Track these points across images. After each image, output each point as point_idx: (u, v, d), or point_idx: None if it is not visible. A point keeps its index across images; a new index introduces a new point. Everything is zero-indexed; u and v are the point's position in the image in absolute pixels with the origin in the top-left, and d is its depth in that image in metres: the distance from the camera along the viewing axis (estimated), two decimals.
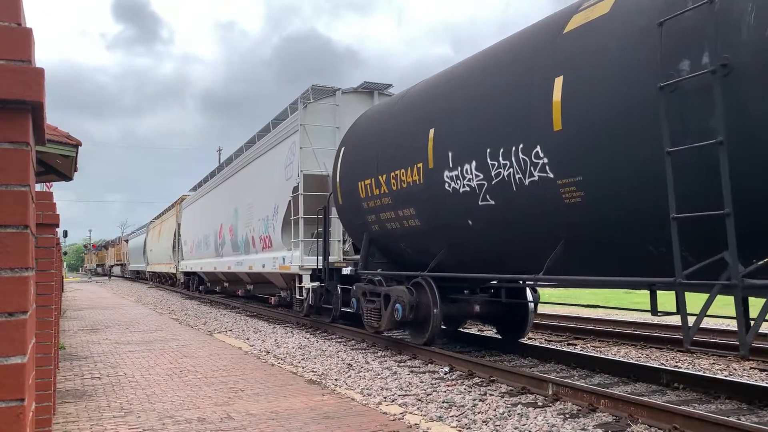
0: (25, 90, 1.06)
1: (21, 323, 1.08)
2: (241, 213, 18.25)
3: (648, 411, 5.29)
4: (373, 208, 9.66)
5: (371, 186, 9.60)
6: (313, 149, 13.12)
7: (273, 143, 15.37)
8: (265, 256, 15.41)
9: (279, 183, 14.48)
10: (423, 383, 7.10)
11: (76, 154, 7.55)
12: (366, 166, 9.82)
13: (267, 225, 15.35)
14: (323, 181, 13.16)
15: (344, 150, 10.82)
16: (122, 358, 9.04)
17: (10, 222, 1.08)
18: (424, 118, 8.46)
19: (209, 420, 5.40)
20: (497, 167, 6.86)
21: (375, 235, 10.00)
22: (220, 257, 20.94)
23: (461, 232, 7.82)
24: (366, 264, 10.20)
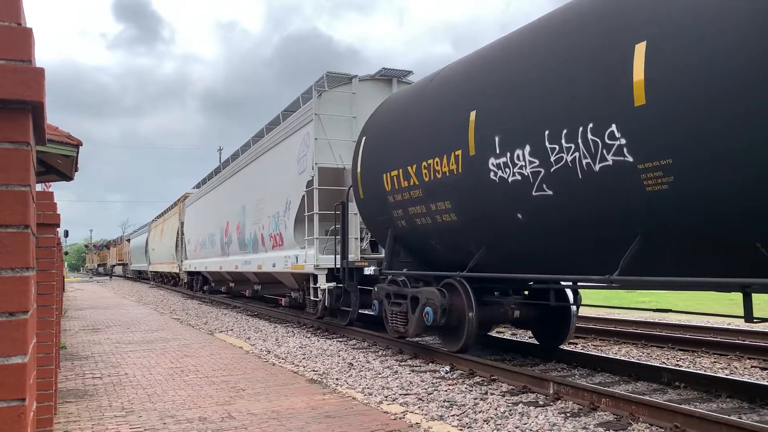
0: (26, 90, 1.06)
1: (22, 323, 1.08)
2: (249, 210, 17.38)
3: (649, 410, 5.29)
4: (400, 201, 8.79)
5: (398, 178, 8.73)
6: (329, 140, 12.25)
7: (284, 135, 14.50)
8: (276, 255, 14.63)
9: (291, 177, 13.62)
10: (424, 382, 7.10)
11: (76, 154, 7.55)
12: (392, 156, 8.95)
13: (278, 222, 14.51)
14: (339, 175, 12.40)
15: (366, 139, 9.91)
16: (123, 358, 9.04)
17: (11, 222, 1.08)
18: (464, 100, 7.48)
19: (210, 419, 5.40)
20: (558, 151, 5.93)
21: (401, 231, 9.12)
22: (226, 256, 20.12)
23: (507, 228, 6.95)
24: (390, 263, 9.32)
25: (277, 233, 14.59)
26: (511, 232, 6.96)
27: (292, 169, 13.58)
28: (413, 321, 8.55)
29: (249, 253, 17.29)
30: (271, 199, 15.21)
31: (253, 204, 16.87)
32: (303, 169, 12.87)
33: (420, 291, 8.55)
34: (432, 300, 8.14)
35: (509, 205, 6.77)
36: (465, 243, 7.82)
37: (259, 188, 16.35)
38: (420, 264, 9.30)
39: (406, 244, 9.31)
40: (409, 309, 8.73)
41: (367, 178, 9.75)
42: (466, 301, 7.82)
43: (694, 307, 13.57)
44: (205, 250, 23.54)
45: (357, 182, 10.08)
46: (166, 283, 36.61)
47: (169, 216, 34.06)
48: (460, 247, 8.00)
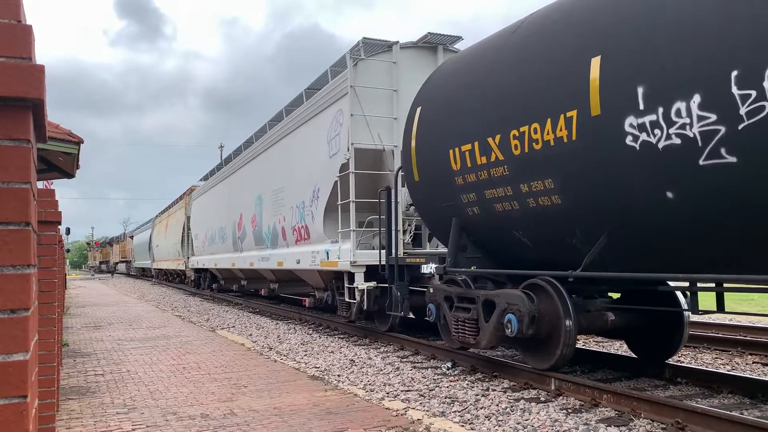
0: (26, 87, 1.06)
1: (23, 320, 1.08)
2: (266, 200, 15.57)
3: (650, 406, 5.29)
4: (472, 183, 7.21)
5: (472, 153, 7.12)
6: (366, 117, 10.53)
7: (311, 114, 12.65)
8: (301, 250, 12.83)
9: (321, 161, 11.83)
10: (426, 379, 7.11)
11: (77, 152, 7.55)
12: (463, 126, 7.34)
13: (303, 213, 12.75)
14: (378, 157, 10.83)
15: (422, 111, 8.33)
16: (125, 355, 9.06)
17: (12, 219, 1.08)
18: (577, 46, 5.86)
19: (212, 416, 5.41)
20: (756, 98, 4.36)
21: (471, 220, 7.51)
22: (239, 252, 18.37)
23: (644, 212, 5.36)
24: (456, 259, 7.73)
25: (301, 226, 12.90)
26: (651, 216, 5.33)
27: (322, 151, 11.81)
28: (487, 330, 6.99)
29: (266, 249, 15.63)
30: (294, 187, 13.45)
31: (271, 194, 15.18)
32: (335, 150, 11.10)
33: (497, 294, 6.95)
34: (516, 306, 6.58)
35: (655, 181, 5.17)
36: (568, 234, 6.26)
37: (279, 176, 14.59)
38: (492, 261, 7.75)
39: (476, 237, 7.70)
40: (480, 316, 7.16)
41: (424, 156, 8.17)
42: (561, 306, 6.31)
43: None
44: (214, 246, 21.88)
45: (410, 162, 8.46)
46: (171, 281, 35.39)
47: (174, 211, 32.58)
48: (558, 240, 6.44)
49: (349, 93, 10.54)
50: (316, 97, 12.42)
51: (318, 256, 11.69)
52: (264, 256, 15.66)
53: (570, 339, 6.27)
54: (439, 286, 8.14)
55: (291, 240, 13.59)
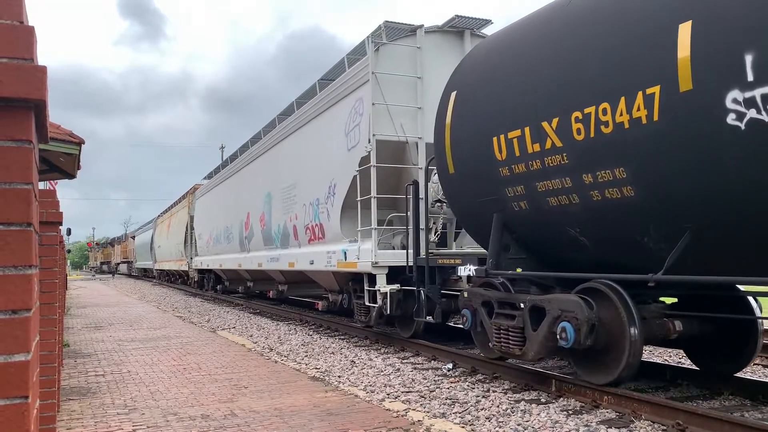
0: (28, 88, 1.06)
1: (24, 321, 1.08)
2: (276, 198, 14.73)
3: (651, 407, 5.29)
4: (520, 174, 6.39)
5: (522, 140, 6.28)
6: (388, 106, 9.75)
7: (326, 105, 11.84)
8: (314, 250, 12.02)
9: (337, 155, 11.04)
10: (426, 380, 7.11)
11: (79, 152, 7.56)
12: (510, 110, 6.51)
13: (317, 210, 11.93)
14: (400, 150, 10.07)
15: (458, 96, 7.47)
16: (126, 356, 9.06)
17: (13, 220, 1.08)
18: (662, 6, 5.03)
19: (213, 417, 5.41)
20: None
21: (517, 216, 6.70)
22: (245, 252, 17.58)
23: (745, 205, 4.61)
24: (498, 261, 6.89)
25: (315, 224, 12.07)
26: (752, 212, 4.60)
27: (339, 144, 11.02)
28: (536, 340, 6.23)
29: (276, 249, 14.80)
30: (307, 183, 12.65)
31: (281, 191, 14.34)
32: (354, 143, 10.33)
33: (549, 300, 6.17)
34: (572, 313, 5.81)
35: (764, 166, 4.38)
36: (639, 232, 5.48)
37: (291, 172, 13.74)
38: (537, 262, 6.94)
39: (521, 235, 6.87)
40: (527, 323, 6.37)
41: (461, 146, 7.32)
42: (625, 313, 5.57)
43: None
44: (219, 246, 21.00)
45: (444, 153, 7.65)
46: (173, 282, 34.65)
47: (176, 210, 31.87)
48: (626, 239, 5.64)
49: (371, 80, 9.78)
50: (332, 87, 11.56)
51: (334, 257, 10.94)
52: (273, 256, 14.85)
53: (636, 350, 5.55)
54: (476, 290, 7.34)
55: (303, 239, 12.83)
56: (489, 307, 7.10)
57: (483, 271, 7.20)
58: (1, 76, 1.05)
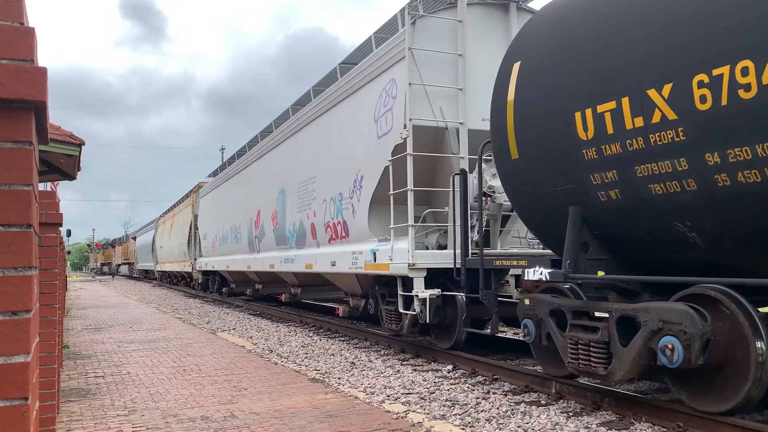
0: (28, 89, 1.07)
1: (24, 322, 1.08)
2: (291, 194, 13.52)
3: (651, 409, 5.29)
4: (613, 156, 5.23)
5: (617, 114, 5.13)
6: (425, 87, 8.65)
7: (350, 89, 10.63)
8: (336, 251, 10.86)
9: (365, 144, 9.90)
10: (426, 381, 7.11)
11: (79, 154, 7.56)
12: (597, 78, 5.36)
13: (339, 206, 10.76)
14: (439, 137, 8.88)
15: (522, 66, 6.32)
16: (126, 357, 9.06)
17: (14, 221, 1.08)
18: None
19: (213, 418, 5.41)
20: None
21: (603, 209, 5.55)
22: (255, 253, 16.45)
23: None
24: (577, 262, 5.82)
25: (337, 222, 10.88)
26: None
27: (366, 132, 9.87)
28: (626, 358, 5.15)
29: (290, 249, 13.57)
30: (328, 177, 11.44)
31: (297, 186, 13.11)
32: (386, 129, 9.18)
33: (644, 309, 5.06)
34: (679, 325, 4.78)
35: None
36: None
37: (308, 165, 12.52)
38: (620, 264, 5.82)
39: (605, 231, 5.73)
40: (614, 337, 5.29)
41: (528, 126, 6.19)
42: (749, 326, 4.57)
43: None
44: (226, 246, 19.84)
45: (504, 136, 6.50)
46: (176, 284, 33.55)
47: (179, 210, 30.64)
48: (762, 233, 4.61)
49: (407, 57, 8.63)
50: (358, 69, 10.40)
51: (361, 258, 9.78)
52: (287, 257, 13.62)
53: (763, 372, 4.53)
54: (542, 297, 6.20)
55: (323, 238, 11.67)
56: (558, 317, 5.98)
57: (560, 275, 5.88)
58: (2, 78, 1.05)
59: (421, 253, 8.45)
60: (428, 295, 8.15)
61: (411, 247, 8.31)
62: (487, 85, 8.31)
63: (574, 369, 5.74)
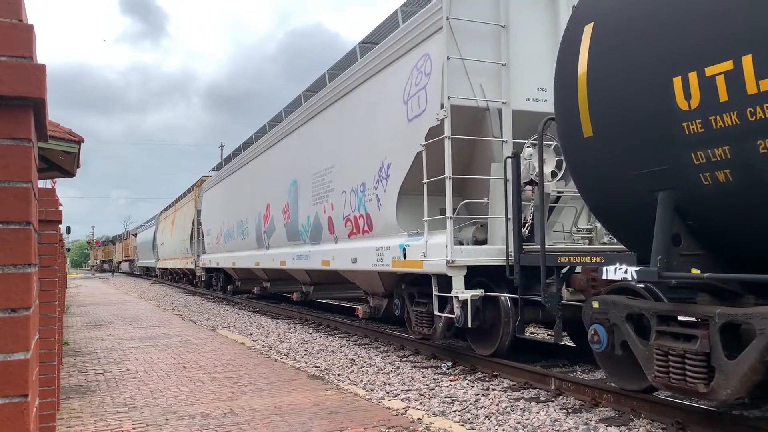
0: (27, 86, 1.06)
1: (24, 319, 1.08)
2: (304, 186, 12.54)
3: (650, 405, 5.30)
4: (724, 130, 4.33)
5: (735, 76, 4.19)
6: (464, 62, 7.72)
7: (375, 69, 9.62)
8: (358, 246, 9.92)
9: (392, 128, 8.94)
10: (426, 378, 7.12)
11: (78, 151, 7.56)
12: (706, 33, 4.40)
13: (362, 198, 9.82)
14: (479, 118, 7.89)
15: (597, 28, 5.34)
16: (126, 354, 9.07)
17: (13, 218, 1.08)
18: None
19: (212, 415, 5.42)
20: None
21: (703, 194, 4.63)
22: (264, 249, 15.51)
23: None
24: (669, 258, 4.89)
25: (359, 215, 9.95)
26: None
27: (394, 115, 8.91)
28: (736, 373, 4.34)
29: (304, 245, 12.63)
30: (348, 166, 10.47)
31: (312, 178, 12.12)
32: (418, 111, 8.18)
33: (763, 315, 4.21)
34: None
35: None
36: None
37: (325, 154, 11.50)
38: (718, 262, 4.89)
39: (703, 222, 4.83)
40: (716, 348, 4.47)
41: (607, 98, 5.27)
42: None
43: None
44: (231, 242, 18.92)
45: (575, 111, 5.56)
46: (177, 282, 32.69)
47: (181, 205, 29.73)
48: None
49: (444, 28, 7.64)
50: (383, 46, 9.42)
51: (387, 254, 8.85)
52: (300, 253, 12.66)
53: None
54: (615, 300, 5.40)
55: (342, 233, 10.71)
56: (636, 322, 5.19)
57: (653, 273, 4.87)
58: (1, 75, 1.05)
59: (461, 249, 7.46)
60: (470, 296, 7.24)
61: (450, 242, 7.33)
62: (534, 59, 7.86)
63: (663, 384, 4.89)
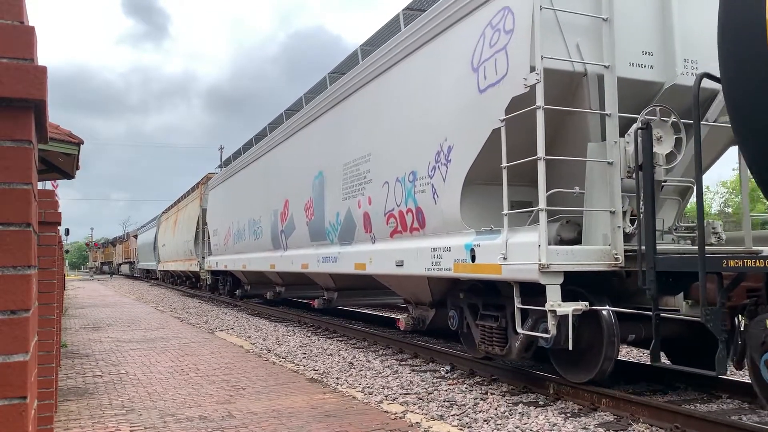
0: (28, 88, 1.06)
1: (23, 321, 1.08)
2: (333, 178, 10.99)
3: (649, 410, 5.29)
4: None
5: None
6: (556, 14, 6.24)
7: (427, 35, 8.01)
8: (405, 247, 8.32)
9: (456, 102, 7.32)
10: (424, 382, 7.11)
11: (78, 152, 7.56)
12: None
13: (411, 189, 8.25)
14: (573, 86, 6.38)
15: None
16: (124, 356, 9.05)
17: (13, 220, 1.08)
18: None
19: (210, 418, 5.41)
20: None
21: None
22: (281, 251, 14.02)
23: None
24: None
25: (407, 209, 8.43)
26: None
27: (457, 86, 7.30)
28: None
29: (331, 245, 11.10)
30: (391, 152, 8.90)
31: (342, 168, 10.60)
32: (496, 78, 6.57)
33: None
34: None
35: None
36: None
37: (359, 140, 9.98)
38: None
39: None
40: None
41: None
42: None
43: None
44: (242, 243, 17.52)
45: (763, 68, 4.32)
46: (179, 285, 31.10)
47: (184, 204, 28.30)
48: None
49: None
50: (440, 8, 7.80)
51: (447, 256, 7.26)
52: (328, 255, 11.11)
53: None
54: None
55: (382, 231, 9.18)
56: None
57: None
58: (1, 76, 1.05)
59: (558, 250, 5.86)
60: (571, 310, 5.63)
61: (544, 240, 5.79)
62: (638, 15, 6.53)
63: None
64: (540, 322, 5.98)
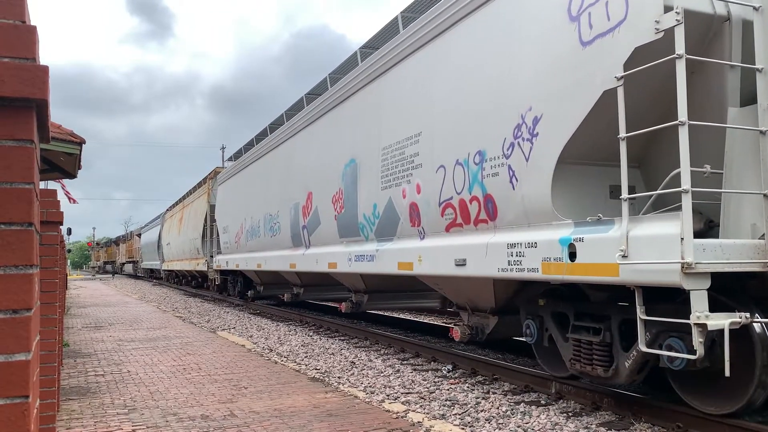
0: (30, 88, 1.07)
1: (25, 320, 1.08)
2: (368, 166, 9.55)
3: (651, 410, 5.29)
4: None
5: None
6: None
7: None
8: (468, 243, 6.86)
9: (546, 62, 5.79)
10: (426, 381, 7.11)
11: (79, 152, 7.57)
12: None
13: (478, 173, 6.73)
14: (712, 35, 4.94)
15: None
16: (126, 356, 9.06)
17: (15, 219, 1.08)
18: None
19: (212, 417, 5.41)
20: None
21: None
22: (302, 248, 12.46)
23: None
24: None
25: (471, 197, 6.90)
26: None
27: (552, 40, 5.73)
28: None
29: (366, 242, 9.64)
30: (448, 129, 7.38)
31: (379, 153, 9.19)
32: (607, 27, 5.11)
33: None
34: None
35: None
36: None
37: (405, 118, 8.42)
38: None
39: None
40: None
41: None
42: None
43: None
44: (255, 241, 16.07)
45: None
46: (185, 285, 29.83)
47: (190, 201, 26.77)
48: None
49: None
50: None
51: (533, 254, 5.83)
52: (362, 253, 9.64)
53: None
54: None
55: (435, 224, 7.65)
56: None
57: None
58: (3, 76, 1.05)
59: (705, 245, 4.47)
60: (728, 323, 4.28)
61: (689, 232, 4.40)
62: None
63: None
64: (663, 337, 4.85)
